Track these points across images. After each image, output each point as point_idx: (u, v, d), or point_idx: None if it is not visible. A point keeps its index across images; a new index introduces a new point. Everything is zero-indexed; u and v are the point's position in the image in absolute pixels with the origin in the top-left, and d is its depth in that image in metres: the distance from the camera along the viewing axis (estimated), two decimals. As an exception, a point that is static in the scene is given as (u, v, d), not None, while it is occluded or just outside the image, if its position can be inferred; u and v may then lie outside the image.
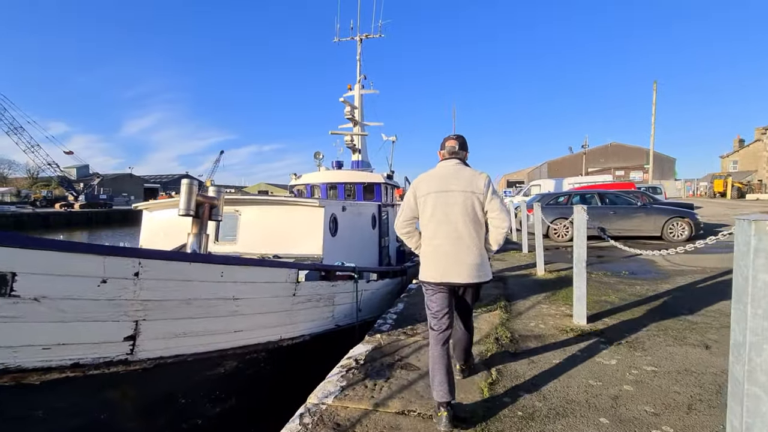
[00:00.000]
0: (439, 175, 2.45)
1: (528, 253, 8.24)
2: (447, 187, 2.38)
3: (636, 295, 4.80)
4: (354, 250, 7.23)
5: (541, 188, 20.90)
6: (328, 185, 11.15)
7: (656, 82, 28.02)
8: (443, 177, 2.42)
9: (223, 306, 3.16)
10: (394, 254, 10.83)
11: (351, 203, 7.31)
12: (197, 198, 3.77)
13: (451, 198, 2.35)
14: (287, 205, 6.09)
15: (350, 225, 7.05)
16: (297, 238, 5.97)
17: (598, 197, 10.33)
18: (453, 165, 2.47)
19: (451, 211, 2.34)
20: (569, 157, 58.49)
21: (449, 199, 2.35)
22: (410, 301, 4.89)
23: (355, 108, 13.06)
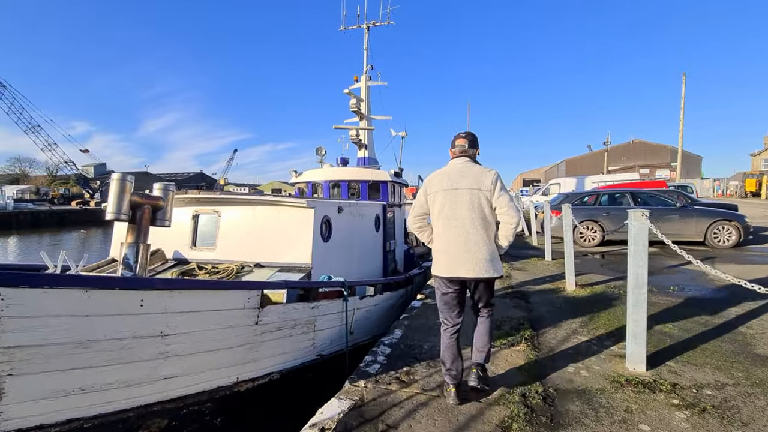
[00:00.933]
0: (448, 173, 2.52)
1: (552, 262, 7.21)
2: (455, 185, 2.45)
3: (700, 323, 3.76)
4: (353, 256, 6.33)
5: (561, 187, 19.65)
6: (331, 183, 10.31)
7: (685, 74, 26.28)
8: (452, 175, 2.49)
9: (146, 347, 2.30)
10: (401, 258, 9.91)
11: (350, 203, 6.41)
12: (132, 198, 2.93)
13: (458, 195, 2.43)
14: (272, 206, 5.24)
15: (348, 228, 6.16)
16: (283, 244, 5.12)
17: (631, 197, 9.19)
18: (462, 163, 2.53)
19: (459, 208, 2.42)
20: (588, 155, 56.50)
21: (457, 197, 2.43)
22: (411, 324, 3.96)
23: (362, 100, 12.16)
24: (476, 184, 2.42)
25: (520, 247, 9.38)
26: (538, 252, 8.42)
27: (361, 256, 6.65)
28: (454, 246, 2.41)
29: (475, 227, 2.39)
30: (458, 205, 2.42)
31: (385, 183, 10.11)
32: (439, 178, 2.53)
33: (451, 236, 2.43)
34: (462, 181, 2.44)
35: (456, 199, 2.43)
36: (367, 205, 7.18)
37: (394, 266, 8.73)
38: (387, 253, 8.04)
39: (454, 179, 2.47)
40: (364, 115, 12.14)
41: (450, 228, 2.44)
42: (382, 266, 7.79)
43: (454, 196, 2.44)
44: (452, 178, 2.48)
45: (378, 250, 7.62)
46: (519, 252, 8.57)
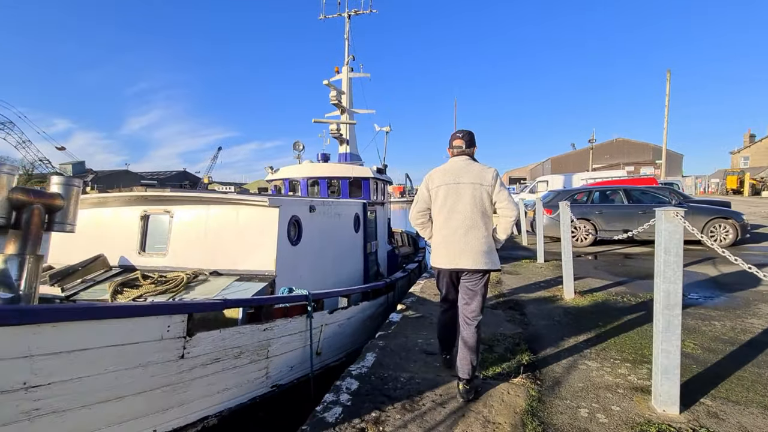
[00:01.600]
0: (450, 169, 2.63)
1: (545, 264, 6.67)
2: (457, 180, 2.56)
3: (725, 340, 3.22)
4: (328, 261, 5.67)
5: (548, 185, 19.26)
6: (309, 180, 9.61)
7: (669, 71, 26.25)
8: (454, 171, 2.60)
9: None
10: (384, 260, 9.28)
11: (324, 201, 5.74)
12: (13, 196, 2.22)
13: (461, 189, 2.53)
14: (230, 205, 4.54)
15: (322, 229, 5.50)
16: (243, 249, 4.44)
17: (624, 194, 8.74)
18: (463, 160, 2.64)
19: (461, 202, 2.52)
20: (573, 153, 56.87)
21: (459, 191, 2.53)
22: (387, 346, 3.31)
23: (343, 93, 11.47)
24: (478, 180, 2.51)
25: (510, 248, 8.85)
26: (529, 253, 7.88)
27: (338, 260, 6.00)
28: (455, 238, 2.49)
29: (476, 220, 2.48)
30: (460, 199, 2.51)
31: (367, 180, 9.47)
32: (441, 173, 2.63)
33: (451, 228, 2.51)
34: (464, 177, 2.54)
35: (459, 193, 2.52)
36: (344, 204, 6.53)
37: (376, 269, 8.10)
38: (368, 256, 7.40)
39: (456, 174, 2.56)
40: (345, 108, 11.46)
41: (451, 220, 2.52)
42: (363, 270, 7.15)
43: (457, 190, 2.53)
44: (454, 173, 2.57)
45: (358, 252, 6.99)
46: (509, 253, 8.03)
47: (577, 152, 55.65)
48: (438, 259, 2.57)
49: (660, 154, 53.70)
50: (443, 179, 2.59)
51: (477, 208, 2.49)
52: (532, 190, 19.77)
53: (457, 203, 2.52)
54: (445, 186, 2.56)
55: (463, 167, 2.58)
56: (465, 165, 2.59)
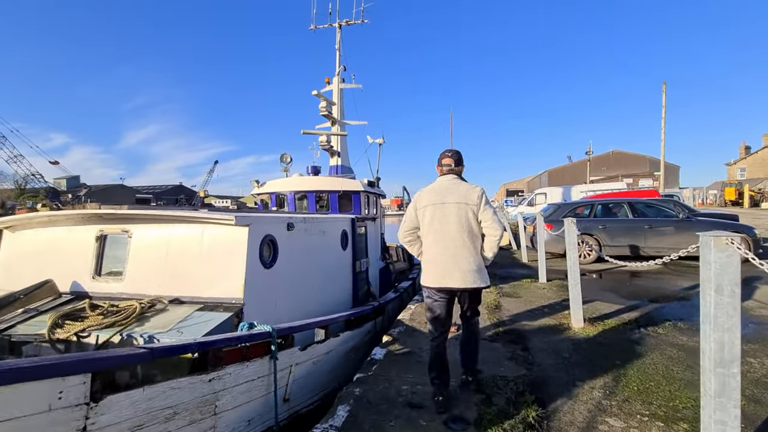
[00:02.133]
0: (437, 189, 2.67)
1: (548, 284, 6.15)
2: (443, 200, 2.60)
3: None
4: (310, 284, 5.13)
5: (547, 197, 18.87)
6: (297, 194, 9.12)
7: (665, 83, 26.17)
8: (440, 191, 2.64)
9: None
10: (376, 278, 8.75)
11: (306, 218, 5.23)
12: None
13: (447, 209, 2.58)
14: (194, 223, 4.03)
15: (304, 248, 4.99)
16: (208, 273, 3.92)
17: (629, 207, 8.27)
18: (450, 180, 2.69)
19: (447, 221, 2.56)
20: (569, 165, 57.02)
21: (445, 211, 2.58)
22: (364, 395, 2.73)
23: (333, 104, 11.09)
24: (463, 199, 2.56)
25: (509, 266, 8.33)
26: (530, 271, 7.36)
27: (323, 281, 5.47)
28: (443, 257, 2.53)
29: (463, 239, 2.52)
30: (447, 219, 2.55)
31: (358, 193, 8.99)
32: (427, 194, 2.67)
33: (439, 248, 2.55)
34: (450, 197, 2.58)
35: (445, 213, 2.56)
36: (330, 220, 6.02)
37: (367, 289, 7.54)
38: (357, 276, 6.86)
39: (442, 194, 2.61)
40: (336, 119, 11.05)
41: (439, 240, 2.56)
42: (352, 292, 6.60)
43: (443, 209, 2.57)
44: (440, 193, 2.62)
45: (346, 272, 6.45)
46: (508, 272, 7.51)
47: (574, 164, 55.73)
48: (428, 278, 2.61)
49: (657, 165, 53.70)
50: (430, 199, 2.63)
51: (463, 227, 2.53)
52: (530, 203, 19.37)
53: (443, 223, 2.56)
54: (432, 206, 2.60)
55: (449, 187, 2.63)
56: (451, 185, 2.64)
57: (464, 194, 2.57)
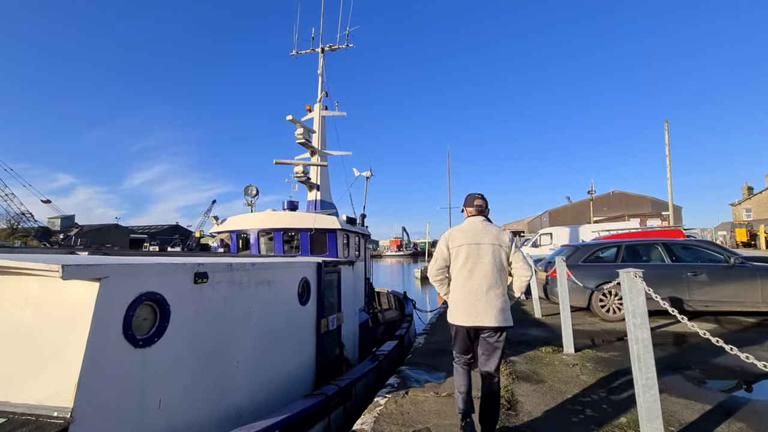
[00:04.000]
0: (470, 229, 2.77)
1: (576, 356, 4.46)
2: (479, 240, 2.70)
3: None
4: (232, 362, 3.48)
5: (553, 238, 17.36)
6: (261, 233, 7.59)
7: (667, 121, 25.57)
8: (474, 231, 2.75)
9: None
10: (354, 336, 7.03)
11: (238, 262, 3.66)
12: None
13: (482, 250, 2.67)
14: (8, 275, 2.49)
15: (227, 309, 3.39)
16: (20, 360, 2.31)
17: (665, 250, 6.72)
18: (481, 221, 2.82)
19: (482, 261, 2.65)
20: (570, 205, 56.18)
21: (480, 251, 2.67)
22: None
23: (313, 132, 9.87)
24: (497, 241, 2.70)
25: (520, 323, 6.63)
26: (547, 333, 5.68)
27: (264, 354, 3.81)
28: (476, 296, 2.60)
29: (496, 278, 2.63)
30: (481, 258, 2.65)
31: (333, 232, 7.47)
32: (461, 233, 2.77)
33: (473, 286, 2.62)
34: (485, 237, 2.70)
35: (480, 253, 2.67)
36: (282, 266, 4.45)
37: (338, 354, 5.82)
38: (323, 339, 5.17)
39: (477, 235, 2.72)
40: (315, 149, 9.78)
41: (473, 279, 2.63)
42: (315, 362, 4.90)
43: (479, 249, 2.68)
44: (475, 234, 2.73)
45: (305, 336, 4.79)
46: (519, 332, 5.81)
47: (574, 205, 54.86)
48: (458, 316, 2.65)
49: (658, 206, 52.74)
50: (464, 239, 2.71)
51: (496, 267, 2.64)
52: (535, 244, 17.82)
53: (478, 263, 2.64)
54: (466, 246, 2.68)
55: (482, 228, 2.74)
56: (484, 226, 2.76)
57: (497, 236, 2.70)
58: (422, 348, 5.11)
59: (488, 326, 2.55)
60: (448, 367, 3.92)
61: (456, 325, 2.66)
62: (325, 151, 10.28)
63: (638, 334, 2.30)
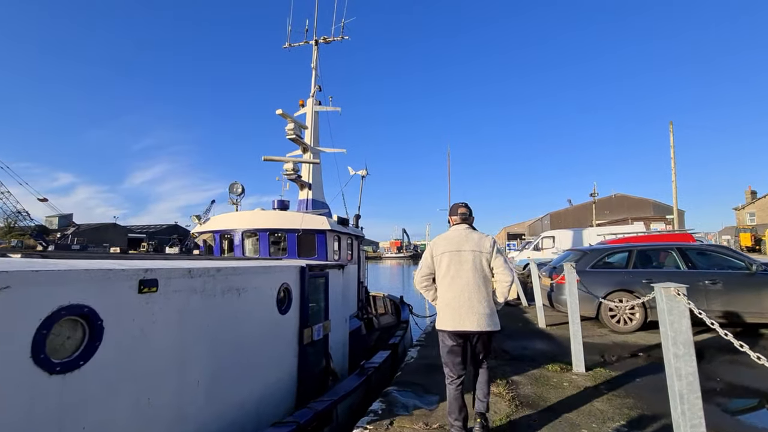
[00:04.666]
0: (452, 237, 2.83)
1: (589, 375, 3.94)
2: (460, 248, 2.76)
3: None
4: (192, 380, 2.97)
5: (555, 241, 16.82)
6: (246, 233, 7.09)
7: (672, 123, 25.05)
8: (456, 239, 2.81)
9: None
10: (344, 345, 6.52)
11: (200, 267, 3.15)
12: None
13: (463, 257, 2.73)
14: None
15: (184, 322, 2.87)
16: None
17: (679, 255, 6.20)
18: (464, 229, 2.87)
19: (463, 268, 2.71)
20: (571, 209, 55.63)
21: (461, 258, 2.73)
22: None
23: (305, 128, 9.37)
24: (478, 247, 2.74)
25: (522, 334, 6.10)
26: (552, 346, 5.16)
27: (230, 373, 3.31)
28: (459, 302, 2.65)
29: (477, 285, 2.67)
30: (462, 265, 2.71)
31: (323, 233, 6.96)
32: (444, 241, 2.82)
33: (455, 293, 2.67)
34: (465, 245, 2.76)
35: (461, 260, 2.72)
36: (257, 271, 3.93)
37: (324, 366, 5.32)
38: (306, 350, 4.66)
39: (458, 243, 2.78)
40: (307, 146, 9.29)
41: (455, 285, 2.69)
42: (296, 376, 4.40)
43: (459, 257, 2.73)
44: (456, 241, 2.79)
45: (284, 348, 4.29)
46: (522, 346, 5.29)
47: (576, 208, 54.32)
48: (444, 322, 2.68)
49: (660, 209, 52.17)
50: (446, 247, 2.77)
51: (478, 273, 2.69)
52: (536, 247, 17.29)
53: (460, 269, 2.69)
54: (448, 253, 2.75)
55: (464, 236, 2.80)
56: (466, 234, 2.82)
57: (478, 242, 2.76)
58: (414, 363, 4.60)
59: (472, 330, 2.59)
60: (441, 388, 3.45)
61: (443, 330, 2.69)
62: (318, 148, 9.78)
63: (681, 368, 1.79)
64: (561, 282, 6.45)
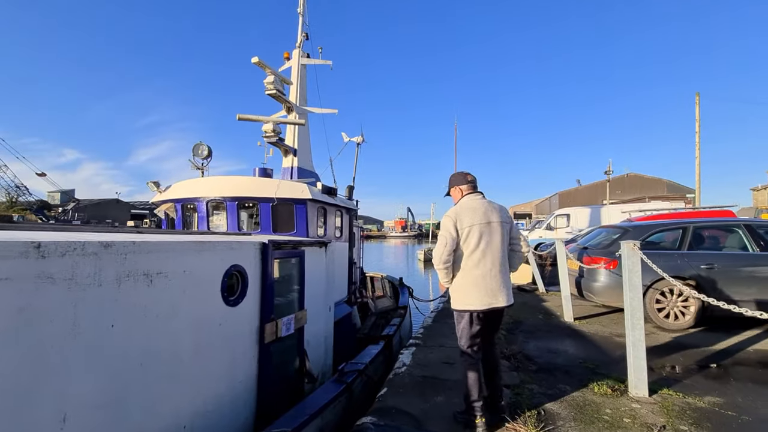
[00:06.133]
0: (477, 207, 2.56)
1: (651, 402, 2.72)
2: (489, 219, 2.53)
3: None
4: (48, 423, 1.71)
5: (569, 219, 15.49)
6: (210, 203, 5.88)
7: (698, 94, 23.06)
8: (482, 210, 2.55)
9: None
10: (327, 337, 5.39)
11: (61, 241, 1.85)
12: None
13: (493, 228, 2.53)
14: None
15: (27, 332, 1.57)
16: None
17: (748, 234, 4.90)
18: (483, 198, 2.66)
19: (494, 241, 2.52)
20: (582, 188, 53.86)
21: (492, 230, 2.52)
22: None
23: (289, 83, 7.98)
24: (504, 218, 2.59)
25: (543, 331, 4.87)
26: (590, 350, 3.94)
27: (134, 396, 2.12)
28: (491, 277, 2.47)
29: (505, 257, 2.57)
30: (493, 238, 2.51)
31: (303, 204, 5.74)
32: (470, 212, 2.54)
33: (486, 268, 2.48)
34: (494, 215, 2.55)
35: (492, 232, 2.51)
36: (187, 248, 2.68)
37: (299, 367, 4.18)
38: (268, 350, 3.50)
39: (485, 214, 2.54)
40: (293, 105, 7.93)
41: (486, 261, 2.48)
42: (255, 385, 3.29)
43: (490, 228, 2.52)
44: (483, 212, 2.54)
45: (237, 350, 3.14)
46: (548, 348, 4.07)
47: (586, 187, 52.50)
48: (471, 300, 2.48)
49: (674, 189, 50.25)
50: (474, 218, 2.51)
51: (505, 245, 2.58)
52: (549, 226, 15.97)
53: (491, 243, 2.50)
54: (478, 225, 2.50)
55: (488, 206, 2.59)
56: (489, 203, 2.61)
57: (502, 212, 2.61)
58: (406, 374, 3.42)
59: (503, 306, 2.49)
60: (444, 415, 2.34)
61: (468, 310, 2.50)
62: (305, 108, 8.38)
63: None
64: (594, 264, 5.21)
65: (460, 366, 2.58)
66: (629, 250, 2.95)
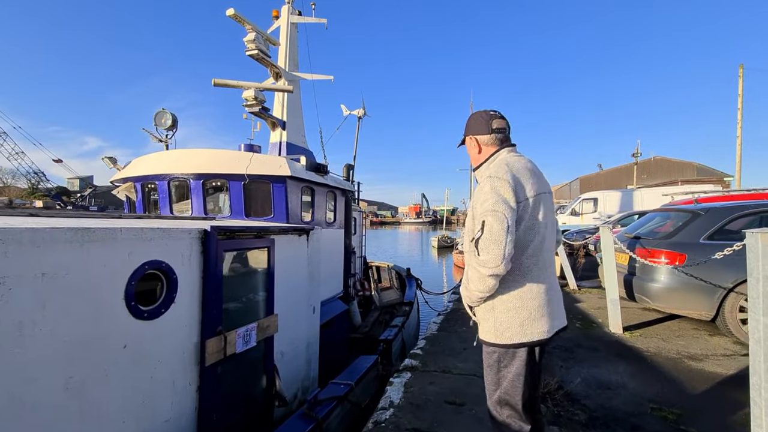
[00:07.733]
0: (534, 169, 1.53)
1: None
2: (547, 188, 1.55)
3: None
4: None
5: (598, 203, 14.04)
6: (174, 182, 4.86)
7: (742, 66, 20.83)
8: (538, 173, 1.54)
9: None
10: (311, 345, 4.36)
11: None
12: None
13: (549, 203, 1.54)
14: None
15: None
16: None
17: None
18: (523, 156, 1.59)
19: (550, 223, 1.54)
20: (603, 172, 51.58)
21: (551, 207, 1.56)
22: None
23: (276, 44, 6.82)
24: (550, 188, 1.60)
25: (590, 349, 3.67)
26: (657, 383, 2.75)
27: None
28: (552, 282, 1.52)
29: None
30: (549, 218, 1.53)
31: (281, 182, 4.71)
32: (529, 174, 1.47)
33: (543, 267, 1.48)
34: (546, 184, 1.57)
35: (552, 210, 1.56)
36: (70, 237, 1.58)
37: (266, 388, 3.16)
38: (215, 372, 2.43)
39: (542, 180, 1.54)
40: (281, 69, 6.77)
41: (542, 254, 1.48)
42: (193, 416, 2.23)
43: (551, 206, 1.56)
44: (541, 177, 1.53)
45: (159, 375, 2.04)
46: (599, 380, 2.90)
47: (607, 172, 50.20)
48: (537, 325, 1.41)
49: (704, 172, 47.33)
50: (535, 186, 1.46)
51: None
52: (574, 212, 14.56)
53: (548, 226, 1.51)
54: (544, 195, 1.49)
55: (536, 168, 1.55)
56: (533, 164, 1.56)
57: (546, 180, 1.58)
58: (390, 427, 2.33)
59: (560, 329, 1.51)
60: None
61: (528, 343, 1.39)
62: (296, 74, 7.19)
63: None
64: (650, 259, 3.98)
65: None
66: (756, 238, 1.74)
